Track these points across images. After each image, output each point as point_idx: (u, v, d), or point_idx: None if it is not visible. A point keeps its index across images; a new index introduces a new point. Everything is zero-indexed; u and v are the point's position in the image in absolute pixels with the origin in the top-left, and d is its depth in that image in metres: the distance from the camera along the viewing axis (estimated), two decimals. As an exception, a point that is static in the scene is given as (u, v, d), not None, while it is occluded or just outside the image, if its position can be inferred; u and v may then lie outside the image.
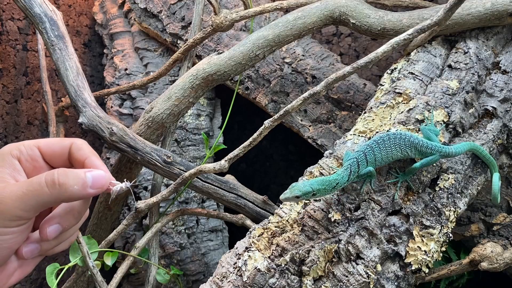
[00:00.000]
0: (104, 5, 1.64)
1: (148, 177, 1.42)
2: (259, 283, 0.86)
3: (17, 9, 1.40)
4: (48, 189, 0.55)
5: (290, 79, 1.36)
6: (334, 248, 0.86)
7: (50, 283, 1.00)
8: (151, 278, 1.16)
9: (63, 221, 0.60)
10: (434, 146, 0.88)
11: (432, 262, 0.90)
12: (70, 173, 0.57)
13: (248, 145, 0.96)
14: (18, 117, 1.43)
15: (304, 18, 1.10)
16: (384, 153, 0.87)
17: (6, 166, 0.59)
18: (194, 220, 1.45)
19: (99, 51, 1.75)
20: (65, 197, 0.57)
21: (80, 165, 0.61)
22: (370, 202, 0.89)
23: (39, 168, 0.62)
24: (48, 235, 0.59)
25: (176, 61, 1.27)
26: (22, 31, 1.44)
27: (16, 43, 1.42)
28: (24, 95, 1.45)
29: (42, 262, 1.49)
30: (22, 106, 1.44)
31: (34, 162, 0.62)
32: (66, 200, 0.58)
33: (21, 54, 1.44)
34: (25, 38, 1.45)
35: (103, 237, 1.14)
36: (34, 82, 1.49)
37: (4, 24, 1.37)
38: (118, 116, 1.50)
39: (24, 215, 0.56)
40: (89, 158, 0.61)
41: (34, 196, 0.55)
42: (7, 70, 1.38)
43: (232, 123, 1.29)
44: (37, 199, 0.55)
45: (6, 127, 1.38)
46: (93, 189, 0.58)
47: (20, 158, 0.61)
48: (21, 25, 1.44)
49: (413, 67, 1.04)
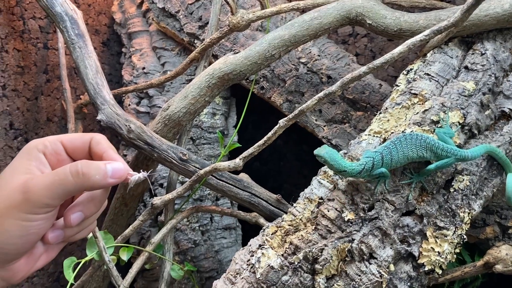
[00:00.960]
0: (123, 5, 1.67)
1: (163, 174, 1.44)
2: (272, 280, 0.87)
3: (38, 8, 1.44)
4: (72, 178, 0.60)
5: (306, 79, 1.37)
6: (347, 247, 0.87)
7: (68, 276, 1.03)
8: (165, 274, 1.18)
9: (85, 209, 0.65)
10: (450, 149, 0.88)
11: (445, 264, 0.90)
12: (92, 164, 0.62)
13: (263, 144, 0.97)
14: (38, 114, 1.46)
15: (321, 19, 1.11)
16: (400, 154, 0.87)
17: (33, 159, 0.64)
18: (208, 218, 1.46)
19: (117, 50, 1.78)
20: (88, 186, 0.61)
21: (99, 158, 0.66)
22: (384, 202, 0.89)
23: (62, 161, 0.66)
24: (72, 222, 0.64)
25: (193, 60, 1.28)
26: (43, 30, 1.47)
27: (37, 42, 1.45)
28: (44, 92, 1.48)
29: (59, 256, 1.52)
30: (42, 103, 1.48)
31: (58, 156, 0.66)
32: (88, 189, 0.63)
33: (42, 52, 1.47)
34: (46, 36, 1.49)
35: (119, 232, 1.16)
36: (54, 80, 1.52)
37: (26, 22, 1.41)
38: (135, 114, 1.52)
39: (51, 203, 0.60)
40: (107, 151, 0.66)
41: (60, 185, 0.60)
42: (28, 68, 1.41)
43: (246, 122, 1.30)
44: (63, 188, 0.60)
45: (27, 123, 1.41)
46: (113, 179, 0.63)
47: (45, 152, 0.65)
48: (42, 24, 1.47)
49: (429, 68, 1.04)
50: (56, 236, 0.66)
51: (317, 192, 0.96)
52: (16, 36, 1.37)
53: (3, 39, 1.32)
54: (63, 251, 1.55)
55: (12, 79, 1.35)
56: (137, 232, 1.46)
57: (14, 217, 0.60)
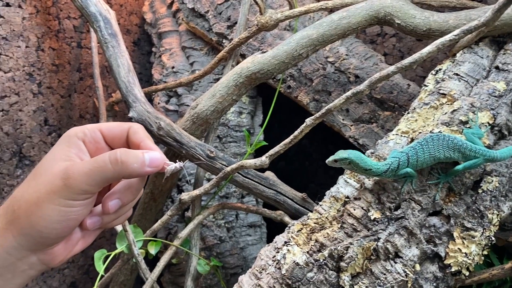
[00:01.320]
0: (154, 5, 1.70)
1: (191, 171, 1.47)
2: (297, 276, 0.88)
3: (73, 8, 1.49)
4: (111, 166, 0.62)
5: (333, 78, 1.37)
6: (372, 246, 0.87)
7: (98, 268, 1.06)
8: (191, 268, 1.20)
9: (123, 197, 0.68)
10: (479, 149, 0.87)
11: (472, 265, 0.89)
12: (131, 153, 0.64)
13: (289, 143, 0.98)
14: (71, 111, 1.51)
15: (349, 18, 1.11)
16: (427, 154, 0.87)
17: (73, 147, 0.67)
18: (233, 215, 1.48)
19: (148, 50, 1.82)
20: (126, 173, 0.63)
21: (136, 147, 0.68)
22: (410, 202, 0.89)
23: (101, 149, 0.69)
24: (110, 209, 0.67)
25: (221, 59, 1.30)
26: (77, 29, 1.52)
27: (71, 41, 1.50)
28: (77, 90, 1.53)
29: (89, 250, 1.57)
30: (75, 100, 1.53)
31: (97, 144, 0.69)
32: (126, 177, 0.65)
33: (76, 51, 1.52)
34: (80, 36, 1.54)
35: (148, 227, 1.20)
36: (87, 78, 1.57)
37: (61, 22, 1.46)
38: (164, 112, 1.55)
39: (90, 189, 0.63)
40: (144, 141, 0.68)
41: (99, 172, 0.62)
42: (62, 66, 1.46)
43: (272, 121, 1.31)
44: (102, 175, 0.62)
45: (60, 119, 1.46)
46: (150, 168, 0.65)
47: (85, 140, 0.68)
48: (76, 23, 1.52)
49: (459, 68, 1.03)
50: (94, 222, 0.68)
51: (343, 191, 0.96)
52: (52, 35, 1.42)
53: (40, 38, 1.37)
54: (93, 245, 1.59)
55: (47, 76, 1.41)
56: (165, 227, 1.49)
57: (54, 203, 0.62)
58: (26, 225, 0.63)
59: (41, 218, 0.62)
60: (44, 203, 0.62)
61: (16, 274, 0.66)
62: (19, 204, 0.63)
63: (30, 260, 0.66)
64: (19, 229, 0.63)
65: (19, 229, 0.63)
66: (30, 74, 1.34)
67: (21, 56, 1.32)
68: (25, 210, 0.63)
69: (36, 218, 0.62)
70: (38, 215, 0.62)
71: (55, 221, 0.63)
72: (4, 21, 1.25)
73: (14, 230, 0.63)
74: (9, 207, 0.64)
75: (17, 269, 0.66)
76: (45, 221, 0.62)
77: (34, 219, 0.62)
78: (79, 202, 0.63)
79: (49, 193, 0.62)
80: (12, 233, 0.63)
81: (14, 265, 0.65)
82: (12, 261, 0.64)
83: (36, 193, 0.63)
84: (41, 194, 0.62)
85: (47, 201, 0.62)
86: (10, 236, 0.63)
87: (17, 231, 0.63)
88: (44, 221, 0.62)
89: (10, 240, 0.63)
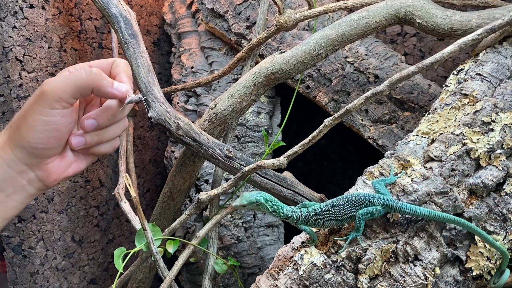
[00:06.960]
0: (173, 6, 1.72)
1: (209, 170, 1.48)
2: (314, 278, 0.87)
3: (95, 9, 1.51)
4: (85, 74, 0.71)
5: (352, 79, 1.36)
6: (391, 248, 0.86)
7: (118, 265, 1.08)
8: (209, 268, 1.21)
9: (99, 118, 0.76)
10: (377, 197, 0.86)
11: (495, 270, 0.88)
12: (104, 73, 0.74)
13: (308, 143, 0.97)
14: (92, 110, 1.53)
15: (369, 18, 1.10)
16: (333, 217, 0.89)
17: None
18: (251, 215, 1.48)
19: (167, 50, 1.84)
20: (96, 85, 0.72)
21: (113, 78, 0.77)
22: (430, 204, 0.88)
23: None
24: (85, 127, 0.75)
25: (240, 60, 1.31)
26: (98, 30, 1.55)
27: (92, 41, 1.52)
28: (98, 90, 1.55)
29: (109, 247, 1.59)
30: (96, 100, 1.55)
31: None
32: (96, 90, 0.73)
33: (97, 51, 1.54)
34: (101, 36, 1.56)
35: (166, 226, 1.21)
36: (107, 78, 1.59)
37: (83, 23, 1.48)
38: (183, 111, 1.56)
39: (65, 97, 0.71)
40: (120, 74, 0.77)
41: (73, 80, 0.71)
42: (84, 66, 1.49)
43: (291, 122, 1.31)
44: (76, 82, 0.71)
45: (82, 119, 1.48)
46: (115, 91, 0.73)
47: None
48: (97, 24, 1.54)
49: (481, 68, 1.01)
50: (78, 142, 0.76)
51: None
52: (74, 36, 1.44)
53: (62, 39, 1.40)
54: (113, 243, 1.62)
55: (70, 77, 1.43)
56: (183, 226, 1.50)
57: (36, 113, 0.71)
58: (18, 137, 0.72)
59: (27, 129, 0.71)
60: (28, 114, 0.71)
61: (17, 189, 0.75)
62: (14, 119, 0.74)
63: (28, 176, 0.75)
64: (14, 141, 0.72)
65: (14, 141, 0.72)
66: (52, 74, 1.37)
67: (44, 57, 1.34)
68: (17, 123, 0.73)
69: (24, 129, 0.71)
70: (25, 126, 0.71)
71: (39, 131, 0.71)
72: (28, 22, 1.28)
73: (11, 144, 0.73)
74: (10, 124, 0.75)
75: (17, 184, 0.74)
76: (31, 131, 0.71)
77: (23, 130, 0.71)
78: (57, 111, 0.71)
79: (32, 105, 0.71)
80: (9, 146, 0.73)
81: (15, 179, 0.74)
82: (12, 174, 0.73)
83: (24, 107, 0.72)
84: (27, 107, 0.72)
85: (30, 112, 0.71)
86: (9, 149, 0.73)
87: (13, 144, 0.72)
88: (30, 131, 0.71)
89: (9, 153, 0.72)
